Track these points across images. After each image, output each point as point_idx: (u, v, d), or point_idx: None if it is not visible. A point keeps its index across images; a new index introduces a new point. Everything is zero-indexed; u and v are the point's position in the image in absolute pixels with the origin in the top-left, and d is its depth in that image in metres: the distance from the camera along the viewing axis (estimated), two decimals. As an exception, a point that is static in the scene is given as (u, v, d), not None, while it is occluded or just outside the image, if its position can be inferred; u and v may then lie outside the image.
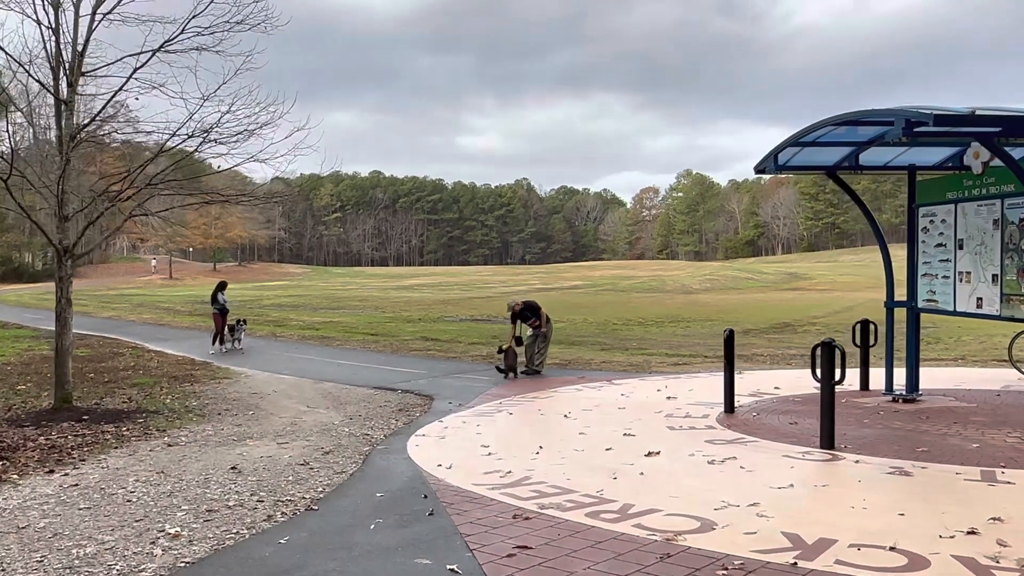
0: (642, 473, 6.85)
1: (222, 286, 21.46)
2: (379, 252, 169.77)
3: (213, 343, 20.73)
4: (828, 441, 7.72)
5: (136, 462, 8.36)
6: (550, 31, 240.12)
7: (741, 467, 7.02)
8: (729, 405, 10.13)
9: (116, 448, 9.24)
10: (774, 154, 10.03)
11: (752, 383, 12.84)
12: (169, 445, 9.35)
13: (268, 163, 10.91)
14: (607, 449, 7.97)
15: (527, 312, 16.18)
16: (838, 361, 8.02)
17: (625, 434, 8.78)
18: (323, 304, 45.91)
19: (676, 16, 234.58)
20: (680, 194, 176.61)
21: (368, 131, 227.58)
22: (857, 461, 7.19)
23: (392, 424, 10.61)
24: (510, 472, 7.01)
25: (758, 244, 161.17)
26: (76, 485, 7.18)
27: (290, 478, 7.33)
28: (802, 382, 12.76)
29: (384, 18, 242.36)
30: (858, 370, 11.68)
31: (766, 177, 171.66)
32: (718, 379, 13.67)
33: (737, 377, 13.65)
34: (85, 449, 9.16)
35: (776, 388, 12.02)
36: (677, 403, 11.00)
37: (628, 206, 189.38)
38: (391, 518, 5.80)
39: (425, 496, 6.41)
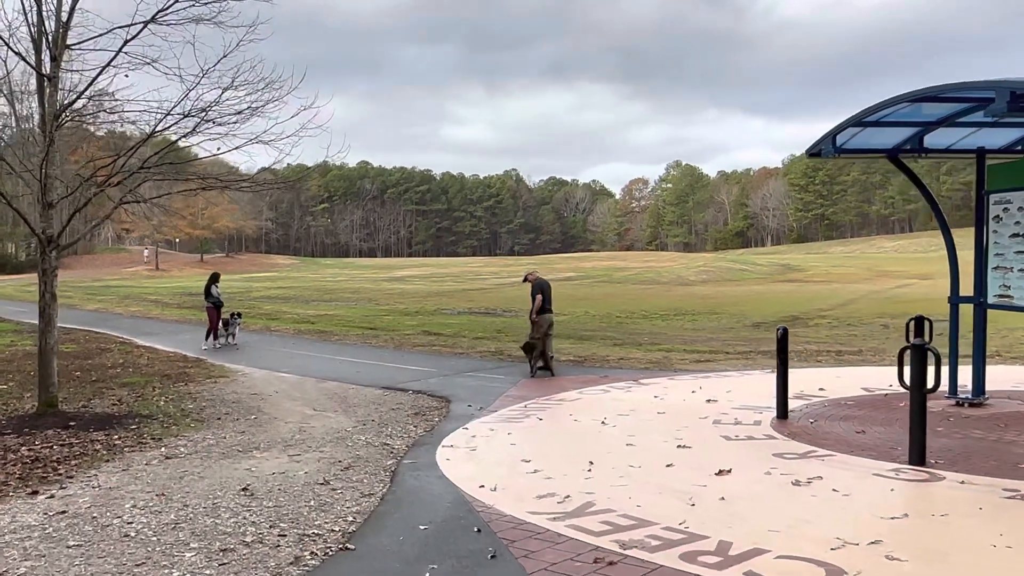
0: (723, 498, 5.95)
1: (215, 278, 20.40)
2: (367, 243, 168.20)
3: (207, 338, 19.71)
4: (919, 456, 6.85)
5: (131, 480, 7.40)
6: (535, 22, 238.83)
7: (834, 490, 6.14)
8: (782, 410, 9.25)
9: (108, 461, 8.27)
10: (832, 135, 9.12)
11: (792, 383, 11.95)
12: (167, 457, 8.38)
13: (272, 145, 9.90)
14: (667, 465, 7.07)
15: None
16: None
17: (679, 446, 7.89)
18: (315, 296, 44.84)
19: (659, 8, 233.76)
20: (669, 185, 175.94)
21: (355, 122, 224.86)
22: (962, 482, 6.32)
23: (411, 431, 9.68)
24: (568, 497, 6.10)
25: (747, 235, 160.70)
26: (64, 512, 6.21)
27: (311, 503, 6.39)
28: (844, 382, 11.93)
29: (369, 8, 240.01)
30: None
31: (755, 168, 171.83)
32: (752, 379, 12.87)
33: (772, 377, 12.83)
34: (73, 463, 8.18)
35: (821, 390, 11.14)
36: (720, 407, 10.12)
37: (617, 197, 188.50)
38: (447, 562, 4.85)
39: (478, 530, 5.48)
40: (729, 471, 6.73)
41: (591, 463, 7.19)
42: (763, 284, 55.78)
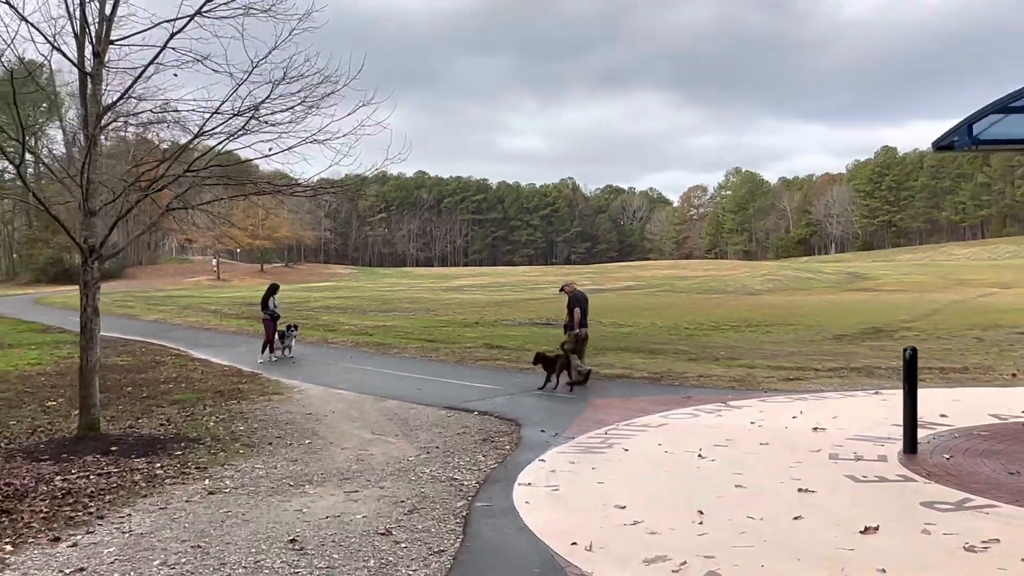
0: (884, 571, 4.75)
1: (273, 289, 19.65)
2: (424, 252, 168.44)
3: (263, 351, 18.98)
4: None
5: (167, 522, 6.48)
6: (589, 31, 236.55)
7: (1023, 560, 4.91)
8: (910, 443, 7.96)
9: (145, 496, 7.38)
10: (968, 124, 7.84)
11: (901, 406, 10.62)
12: (210, 492, 7.47)
13: (328, 145, 8.97)
14: (795, 518, 5.89)
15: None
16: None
17: (800, 489, 6.69)
18: (373, 307, 44.27)
19: (716, 14, 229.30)
20: (729, 192, 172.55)
21: (411, 132, 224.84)
22: None
23: (480, 461, 8.63)
24: (685, 564, 4.96)
25: (810, 243, 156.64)
26: (83, 570, 5.29)
27: (370, 562, 5.36)
28: (965, 406, 10.54)
29: (424, 20, 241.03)
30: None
31: (819, 174, 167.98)
32: (857, 402, 11.54)
33: (879, 399, 11.49)
34: (107, 498, 7.32)
35: (943, 416, 9.78)
36: (831, 437, 8.86)
37: (675, 205, 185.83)
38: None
39: (580, 612, 4.41)
40: (876, 528, 5.52)
41: (700, 512, 6.04)
42: (834, 293, 53.60)
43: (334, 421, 11.52)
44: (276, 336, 19.23)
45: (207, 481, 7.92)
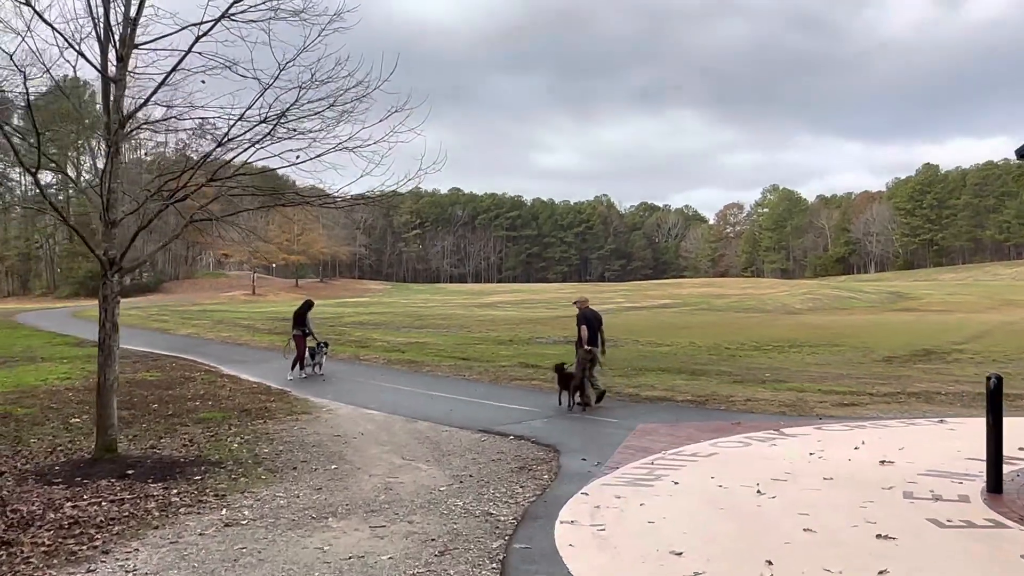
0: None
1: (309, 305, 19.21)
2: (458, 269, 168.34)
3: (292, 368, 18.49)
4: None
5: (177, 560, 5.93)
6: (624, 49, 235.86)
7: None
8: (994, 481, 7.18)
9: (157, 528, 6.85)
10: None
11: (974, 436, 9.80)
12: (226, 524, 6.91)
13: (359, 153, 8.44)
14: (880, 573, 5.16)
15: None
16: None
17: (879, 535, 5.96)
18: (406, 323, 43.86)
19: (751, 33, 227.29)
20: (766, 210, 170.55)
21: (447, 149, 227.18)
22: None
23: (517, 493, 7.99)
24: (760, 629, 4.30)
25: (849, 261, 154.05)
26: (74, 619, 4.75)
27: (397, 616, 4.76)
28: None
29: (461, 39, 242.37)
30: None
31: (857, 192, 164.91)
32: (921, 431, 10.73)
33: (945, 429, 10.68)
34: (115, 529, 6.80)
35: (1022, 450, 8.94)
36: (901, 471, 8.10)
37: (711, 222, 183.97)
38: None
39: None
40: (978, 587, 4.81)
41: (769, 563, 5.34)
42: (876, 313, 52.27)
43: (362, 444, 10.96)
44: (307, 353, 18.79)
45: (224, 511, 7.37)
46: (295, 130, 9.14)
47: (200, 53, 9.21)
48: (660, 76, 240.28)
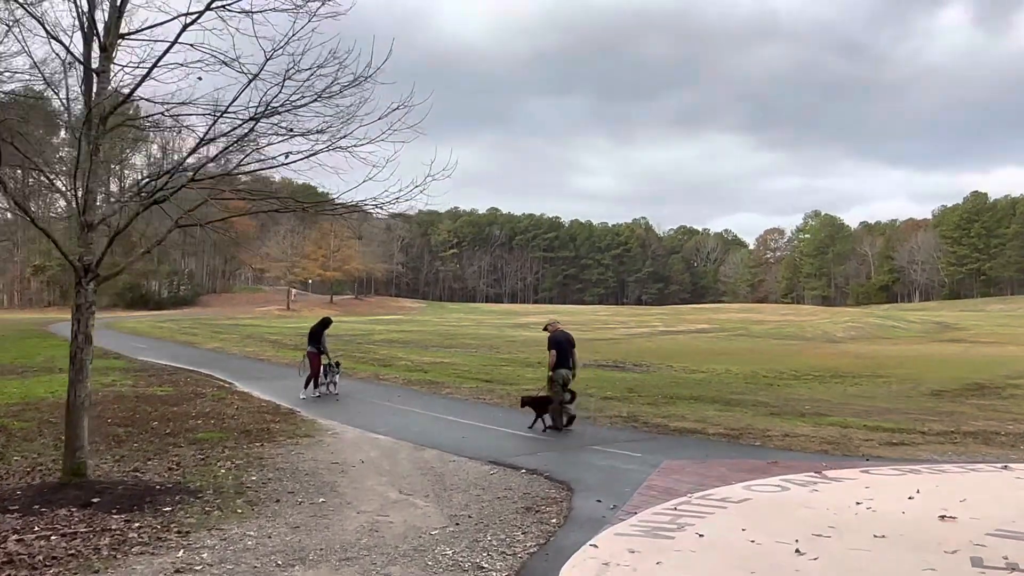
0: None
1: (326, 323, 18.49)
2: (494, 289, 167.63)
3: (305, 387, 17.69)
4: None
5: (102, 616, 5.03)
6: (664, 73, 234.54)
7: None
8: (1081, 549, 6.04)
9: (96, 572, 5.99)
10: None
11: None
12: (177, 572, 6.01)
13: (354, 154, 7.58)
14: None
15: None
16: None
17: (946, 618, 4.89)
18: (435, 342, 43.05)
19: (793, 57, 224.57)
20: (807, 235, 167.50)
21: (485, 169, 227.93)
22: None
23: (518, 541, 7.00)
24: None
25: (893, 290, 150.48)
26: None
27: None
28: None
29: (501, 61, 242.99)
30: None
31: (901, 219, 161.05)
32: (984, 478, 9.51)
33: (1011, 477, 9.48)
34: (50, 572, 5.94)
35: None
36: (966, 529, 6.96)
37: (750, 247, 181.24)
38: None
39: None
40: None
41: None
42: (922, 343, 50.30)
43: (360, 474, 10.05)
44: (321, 372, 18.04)
45: (181, 553, 6.48)
46: (290, 130, 8.33)
47: (191, 45, 8.45)
48: (700, 99, 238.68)
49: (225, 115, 7.64)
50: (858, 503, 7.97)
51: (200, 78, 8.70)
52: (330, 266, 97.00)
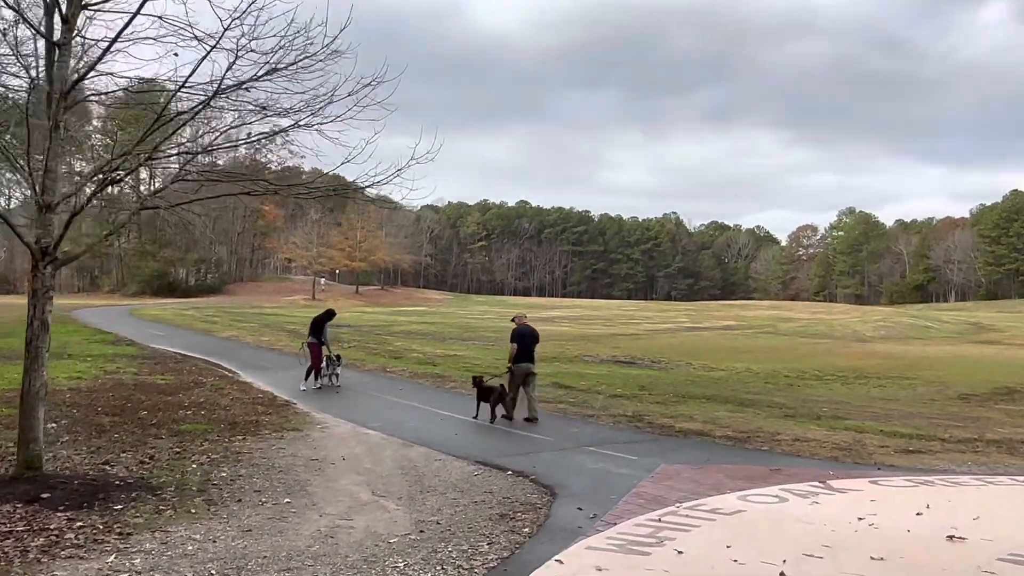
0: None
1: (329, 315, 18.13)
2: (522, 282, 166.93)
3: (306, 378, 17.29)
4: None
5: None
6: (697, 68, 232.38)
7: None
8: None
9: (12, 580, 5.52)
10: None
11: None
12: (99, 580, 5.54)
13: (322, 132, 7.03)
14: None
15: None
16: None
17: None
18: (455, 334, 42.63)
19: (828, 53, 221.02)
20: (841, 233, 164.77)
21: (515, 163, 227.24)
22: None
23: (481, 553, 6.44)
24: None
25: (928, 289, 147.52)
26: None
27: None
28: None
29: (533, 56, 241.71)
30: None
31: (938, 218, 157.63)
32: (1003, 493, 8.80)
33: (1035, 492, 8.74)
34: (-38, 577, 5.49)
35: None
36: (975, 552, 6.30)
37: (782, 244, 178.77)
38: None
39: None
40: None
41: None
42: (954, 344, 48.94)
43: (338, 472, 9.55)
44: (324, 362, 17.65)
45: (112, 558, 6.01)
46: (263, 107, 7.81)
47: (159, 17, 7.96)
48: (733, 94, 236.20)
49: (184, 90, 7.11)
50: (860, 518, 7.31)
51: (176, 54, 8.23)
52: (356, 256, 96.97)
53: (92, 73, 8.03)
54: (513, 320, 14.45)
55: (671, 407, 15.87)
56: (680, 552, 6.26)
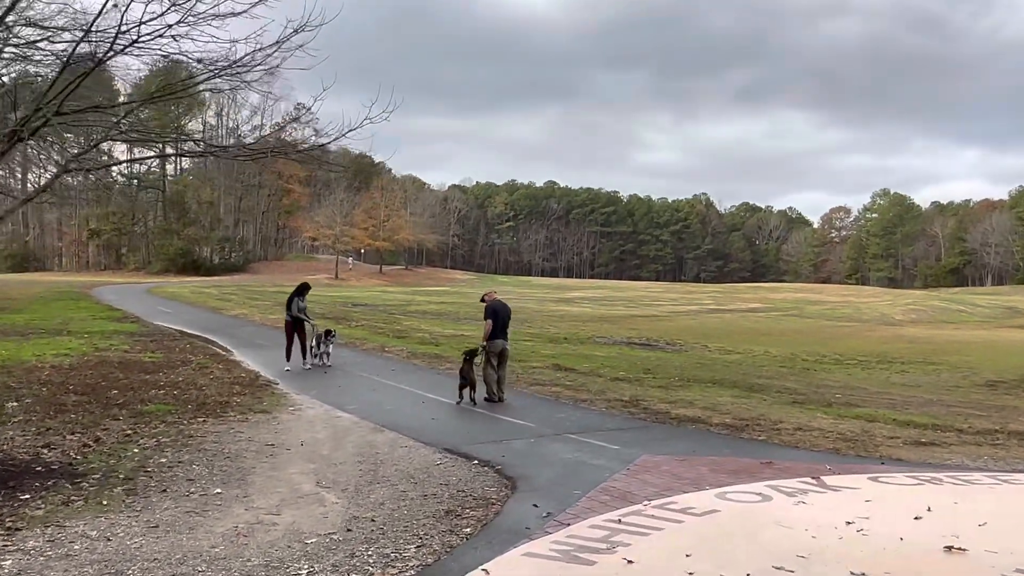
0: None
1: (302, 289, 17.43)
2: (550, 263, 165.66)
3: (288, 358, 16.66)
4: None
5: None
6: (729, 48, 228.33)
7: None
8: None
9: None
10: None
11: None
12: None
13: (240, 76, 6.23)
14: None
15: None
16: None
17: None
18: (470, 314, 41.83)
19: (864, 33, 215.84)
20: (875, 215, 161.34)
21: (545, 143, 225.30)
22: None
23: (402, 558, 5.67)
24: None
25: (963, 273, 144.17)
26: None
27: None
28: None
29: (565, 36, 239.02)
30: None
31: (975, 200, 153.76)
32: (1018, 494, 7.86)
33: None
34: None
35: None
36: (973, 567, 5.43)
37: (815, 226, 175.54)
38: None
39: None
40: None
41: None
42: (987, 329, 47.39)
43: (289, 459, 8.84)
44: (314, 340, 17.02)
45: (-19, 557, 5.31)
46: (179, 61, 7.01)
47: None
48: (766, 75, 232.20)
49: (87, 34, 6.33)
50: (849, 522, 6.43)
51: (116, 4, 7.47)
52: (379, 236, 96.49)
53: None
54: (483, 299, 13.91)
55: (672, 392, 15.00)
56: (629, 562, 5.43)
